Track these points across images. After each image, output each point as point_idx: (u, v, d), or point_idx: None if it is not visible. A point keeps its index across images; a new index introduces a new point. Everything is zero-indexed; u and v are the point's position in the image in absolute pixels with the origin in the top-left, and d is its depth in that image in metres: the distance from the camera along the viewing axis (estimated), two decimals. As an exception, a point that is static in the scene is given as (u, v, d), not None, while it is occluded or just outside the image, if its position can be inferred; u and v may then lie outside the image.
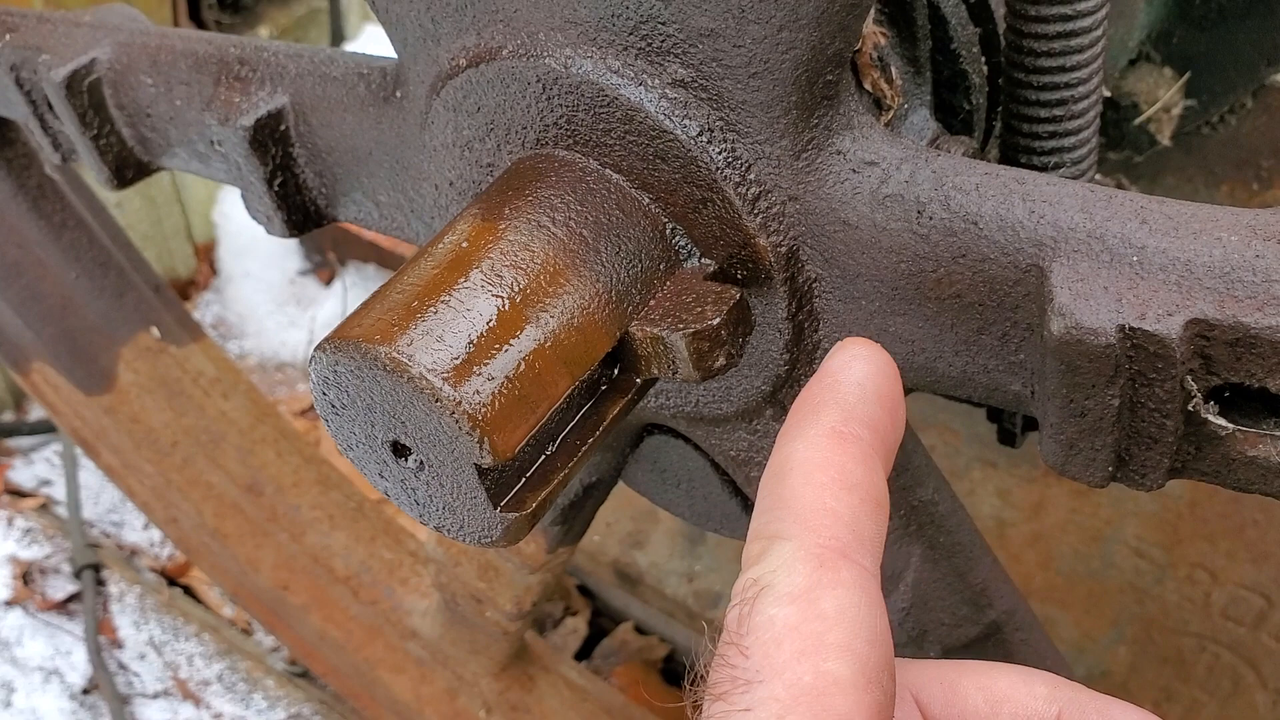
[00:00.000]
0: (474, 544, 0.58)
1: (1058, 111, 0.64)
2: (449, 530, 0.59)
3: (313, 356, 0.56)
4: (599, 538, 1.57)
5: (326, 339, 0.55)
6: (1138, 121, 0.93)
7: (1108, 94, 0.85)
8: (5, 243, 1.16)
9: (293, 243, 2.20)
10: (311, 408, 2.01)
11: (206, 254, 2.24)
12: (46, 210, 1.15)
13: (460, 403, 0.52)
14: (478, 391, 0.52)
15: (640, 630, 1.65)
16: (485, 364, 0.53)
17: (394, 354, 0.52)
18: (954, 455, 1.44)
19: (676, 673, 1.63)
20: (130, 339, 1.22)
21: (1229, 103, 0.95)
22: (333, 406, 0.57)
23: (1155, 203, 0.50)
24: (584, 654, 1.65)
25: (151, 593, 1.79)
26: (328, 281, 2.18)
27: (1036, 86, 0.63)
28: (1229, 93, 0.94)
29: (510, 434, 0.53)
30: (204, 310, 2.21)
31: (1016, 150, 0.66)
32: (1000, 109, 0.67)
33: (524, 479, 0.57)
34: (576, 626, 1.69)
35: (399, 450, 0.57)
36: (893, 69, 0.62)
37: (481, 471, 0.54)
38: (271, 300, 2.17)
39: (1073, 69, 0.62)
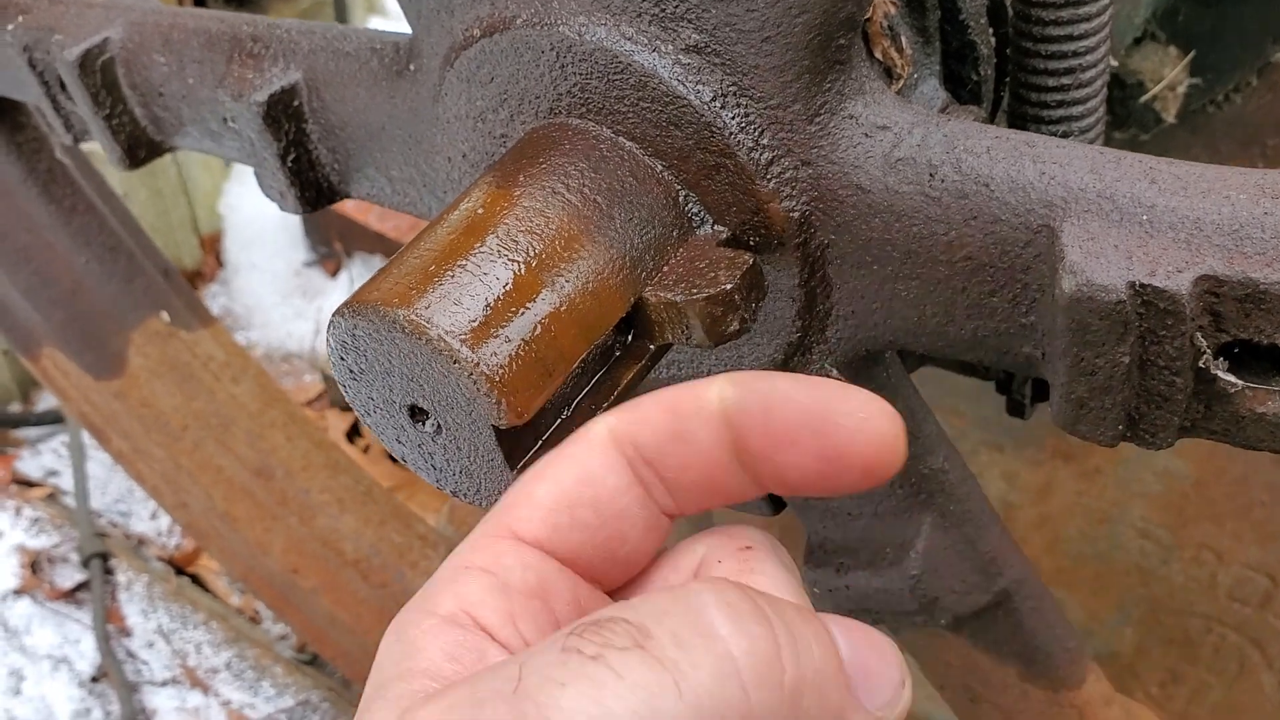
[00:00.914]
0: (490, 507, 0.59)
1: (1065, 80, 0.64)
2: (465, 494, 0.59)
3: (331, 321, 0.57)
4: (605, 524, 1.57)
5: (345, 304, 0.56)
6: (1143, 100, 0.94)
7: (1114, 64, 0.85)
8: (15, 227, 1.16)
9: (298, 234, 2.20)
10: (318, 398, 2.02)
11: (212, 246, 2.25)
12: (56, 194, 1.15)
13: (479, 364, 0.52)
14: (495, 353, 0.53)
15: (646, 617, 1.65)
16: (502, 327, 0.54)
17: (412, 316, 0.53)
18: (960, 438, 1.45)
19: (683, 659, 1.64)
20: (140, 324, 1.23)
21: (1234, 81, 0.95)
22: (350, 372, 0.58)
23: (1164, 163, 0.51)
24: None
25: (159, 581, 1.80)
26: (334, 273, 2.19)
27: (1044, 55, 0.64)
28: (1234, 71, 0.94)
29: (528, 395, 0.54)
30: (210, 302, 2.22)
31: (1024, 120, 0.67)
32: (1008, 80, 0.68)
33: (540, 442, 0.57)
34: (582, 614, 1.70)
35: (416, 414, 0.57)
36: (903, 38, 0.62)
37: (499, 433, 0.55)
38: (277, 292, 2.17)
39: (1080, 38, 0.63)
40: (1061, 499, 1.36)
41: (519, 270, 0.55)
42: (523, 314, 0.54)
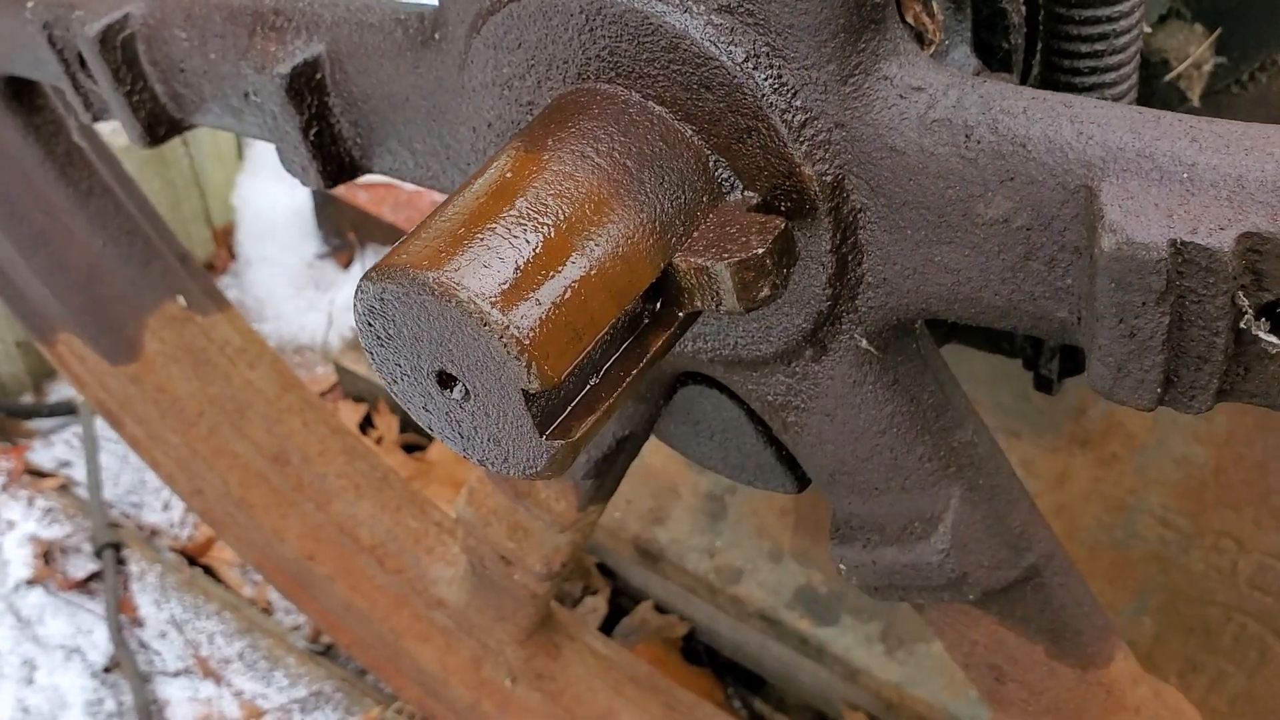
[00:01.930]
0: (519, 475, 0.58)
1: (1099, 46, 0.64)
2: (493, 462, 0.59)
3: (359, 285, 0.56)
4: (619, 514, 1.57)
5: (373, 268, 0.55)
6: (1168, 78, 0.93)
7: (1148, 30, 0.85)
8: (32, 210, 1.16)
9: (311, 226, 2.20)
10: (331, 389, 2.02)
11: (225, 238, 2.25)
12: (73, 177, 1.15)
13: (509, 327, 0.52)
14: (525, 316, 0.53)
15: (660, 609, 1.65)
16: (533, 290, 0.53)
17: (442, 279, 0.53)
18: (977, 427, 1.44)
19: (696, 651, 1.63)
20: (156, 308, 1.22)
21: (1259, 60, 0.94)
22: (378, 337, 0.57)
23: (1204, 122, 0.51)
24: (604, 633, 1.65)
25: (172, 572, 1.79)
26: (346, 264, 2.18)
27: (1078, 20, 0.63)
28: (1260, 49, 0.93)
29: (557, 359, 0.53)
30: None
31: (1056, 87, 0.66)
32: (1039, 48, 0.67)
33: (569, 408, 0.57)
34: (596, 605, 1.69)
35: (445, 380, 0.57)
36: (934, 4, 0.62)
37: (528, 398, 0.54)
38: (290, 284, 2.17)
39: (1115, 2, 0.62)
40: (1079, 486, 1.36)
41: (549, 234, 0.55)
42: (553, 277, 0.54)
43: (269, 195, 2.17)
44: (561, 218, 0.55)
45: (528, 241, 0.54)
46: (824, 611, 1.44)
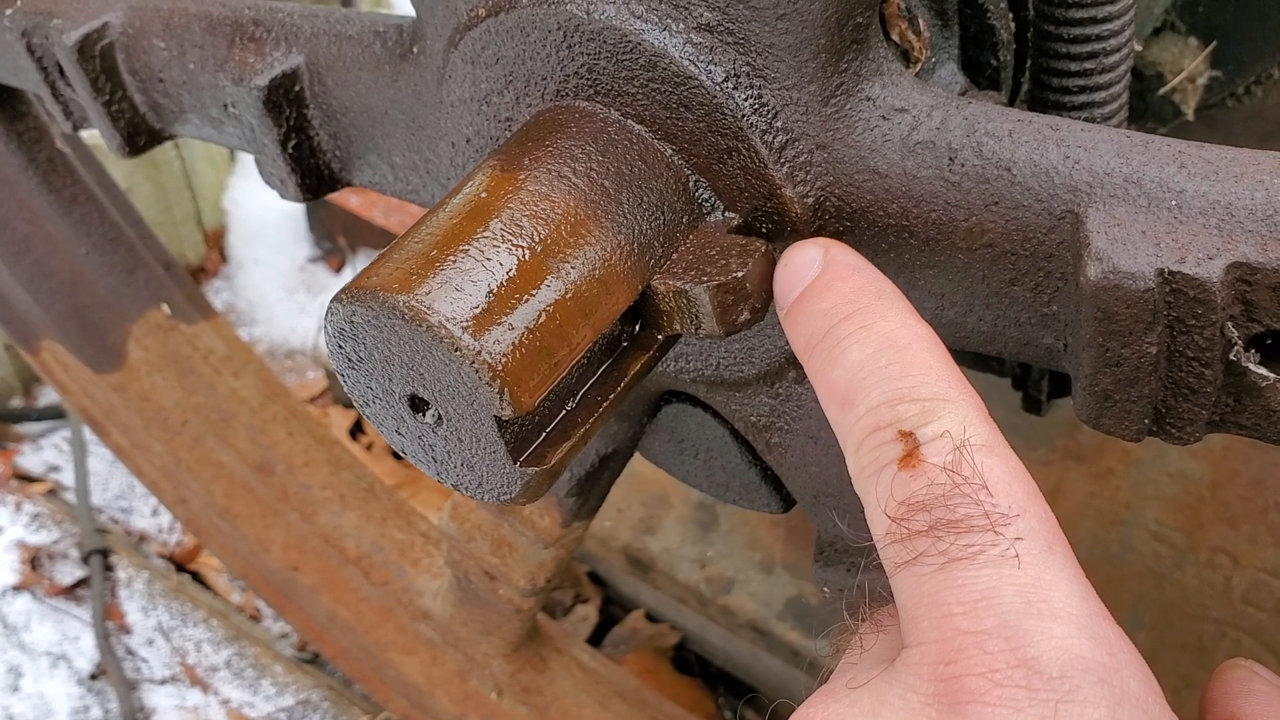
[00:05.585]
0: (493, 501, 0.57)
1: (1088, 65, 0.62)
2: (467, 488, 0.58)
3: (329, 307, 0.55)
4: (610, 524, 1.55)
5: (343, 289, 0.54)
6: (1162, 92, 0.92)
7: (1139, 48, 0.83)
8: (15, 217, 1.15)
9: (303, 230, 2.19)
10: (321, 394, 2.00)
11: (216, 241, 2.23)
12: (57, 185, 1.14)
13: (480, 352, 0.51)
14: (498, 341, 0.51)
15: (651, 618, 1.64)
16: (506, 314, 0.52)
17: (413, 303, 0.51)
18: (970, 439, 1.42)
19: (687, 661, 1.62)
20: (140, 316, 1.21)
21: (1255, 73, 0.93)
22: (349, 360, 0.56)
23: (1193, 147, 0.49)
24: (594, 642, 1.64)
25: (160, 578, 1.78)
26: (338, 269, 2.17)
27: (1067, 39, 0.62)
28: (1255, 63, 0.92)
29: (531, 385, 0.52)
30: (213, 297, 2.20)
31: (1045, 106, 0.65)
32: (1028, 66, 0.66)
33: (544, 434, 0.56)
34: (587, 614, 1.68)
35: (417, 404, 0.56)
36: (920, 21, 0.60)
37: (501, 424, 0.53)
38: (281, 287, 2.16)
39: (1105, 20, 0.61)
40: (1073, 501, 1.34)
41: (523, 256, 0.54)
42: (527, 301, 0.53)
43: (261, 198, 2.16)
44: (537, 239, 0.54)
45: (501, 264, 0.53)
46: (815, 623, 1.43)
